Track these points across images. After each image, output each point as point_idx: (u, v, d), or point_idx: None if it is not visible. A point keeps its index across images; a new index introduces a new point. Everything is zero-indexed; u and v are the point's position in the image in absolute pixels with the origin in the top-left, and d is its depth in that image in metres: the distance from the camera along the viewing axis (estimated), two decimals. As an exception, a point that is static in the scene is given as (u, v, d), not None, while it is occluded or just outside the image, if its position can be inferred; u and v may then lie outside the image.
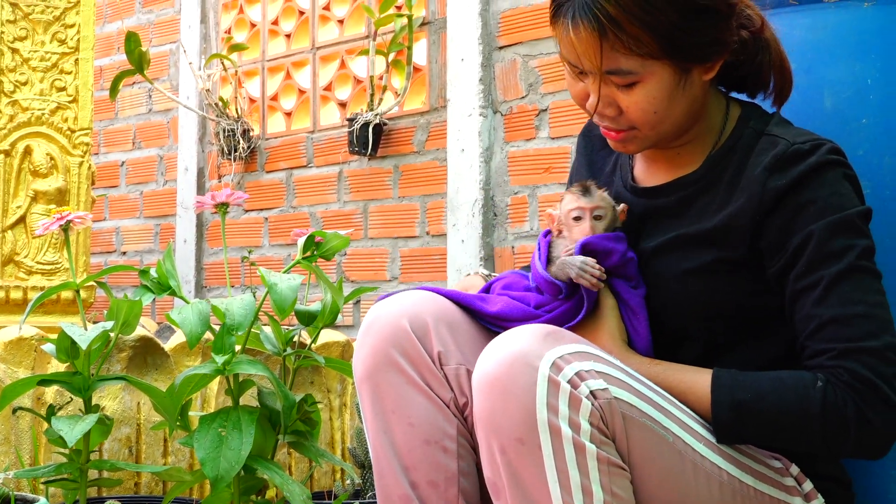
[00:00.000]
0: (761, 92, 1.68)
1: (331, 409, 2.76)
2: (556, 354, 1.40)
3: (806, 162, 1.50)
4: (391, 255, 3.72)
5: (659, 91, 1.53)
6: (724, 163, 1.60)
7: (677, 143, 1.65)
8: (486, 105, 3.43)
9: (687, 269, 1.57)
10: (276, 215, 4.16)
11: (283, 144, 4.15)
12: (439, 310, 1.66)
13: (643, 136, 1.59)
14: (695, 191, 1.61)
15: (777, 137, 1.55)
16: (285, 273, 1.79)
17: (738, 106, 1.66)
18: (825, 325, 1.46)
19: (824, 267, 1.47)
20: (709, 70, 1.57)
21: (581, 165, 1.84)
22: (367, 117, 3.70)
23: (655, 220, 1.65)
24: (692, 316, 1.57)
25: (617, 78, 1.53)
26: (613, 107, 1.57)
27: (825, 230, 1.47)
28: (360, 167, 3.86)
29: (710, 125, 1.64)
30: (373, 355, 1.63)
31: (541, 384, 1.38)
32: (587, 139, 1.86)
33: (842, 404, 1.42)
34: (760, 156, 1.54)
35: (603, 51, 1.50)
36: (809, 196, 1.49)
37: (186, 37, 4.47)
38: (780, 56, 1.65)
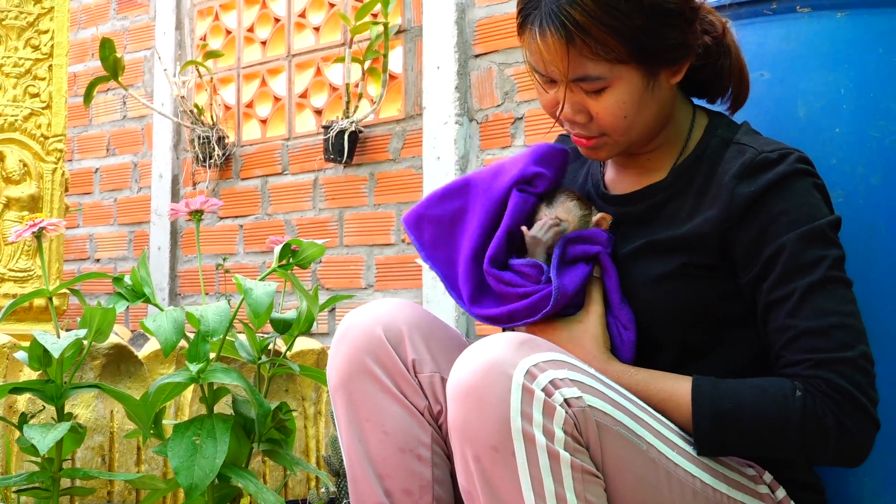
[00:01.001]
0: (720, 97, 1.69)
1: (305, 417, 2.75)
2: (531, 362, 1.40)
3: (774, 170, 1.51)
4: (366, 263, 3.72)
5: (628, 95, 1.54)
6: (693, 171, 1.61)
7: (646, 150, 1.66)
8: (462, 113, 3.43)
9: (658, 275, 1.58)
10: (252, 223, 4.15)
11: (259, 152, 4.14)
12: (413, 318, 1.66)
13: (614, 142, 1.60)
14: (663, 198, 1.62)
15: (745, 146, 1.56)
16: (261, 280, 1.79)
17: (704, 114, 1.68)
18: (800, 336, 1.47)
19: (797, 278, 1.48)
20: (676, 73, 1.58)
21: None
22: (342, 125, 3.70)
23: (626, 227, 1.65)
24: (665, 321, 1.58)
25: (586, 84, 1.54)
26: (584, 113, 1.57)
27: (797, 241, 1.48)
28: (335, 175, 3.86)
29: (678, 131, 1.65)
30: (347, 363, 1.63)
31: (515, 392, 1.38)
32: None
33: (821, 414, 1.43)
34: (729, 164, 1.55)
35: (570, 57, 1.51)
36: (780, 207, 1.50)
37: (161, 43, 4.45)
38: (740, 62, 1.67)
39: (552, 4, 1.50)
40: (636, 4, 1.49)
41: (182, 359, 2.50)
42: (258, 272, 4.09)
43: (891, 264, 1.67)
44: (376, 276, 3.68)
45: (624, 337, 1.58)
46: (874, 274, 1.67)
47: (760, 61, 1.75)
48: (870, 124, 1.69)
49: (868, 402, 1.44)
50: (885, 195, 1.68)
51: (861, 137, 1.69)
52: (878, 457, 1.61)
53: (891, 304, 1.67)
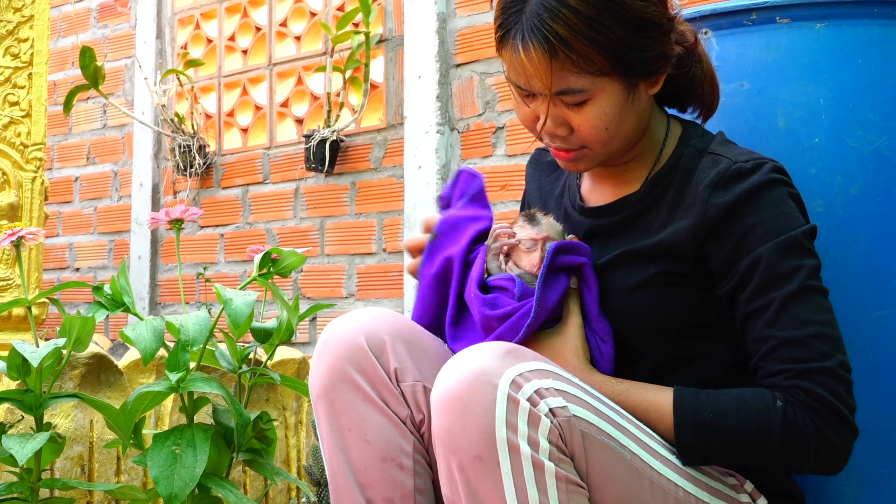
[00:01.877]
0: (691, 106, 1.70)
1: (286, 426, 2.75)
2: (516, 372, 1.40)
3: (749, 180, 1.52)
4: (348, 272, 3.72)
5: (610, 107, 1.54)
6: (667, 181, 1.62)
7: (623, 160, 1.66)
8: (444, 122, 3.44)
9: (633, 284, 1.58)
10: (232, 231, 4.14)
11: (240, 160, 4.14)
12: (396, 327, 1.66)
13: (594, 154, 1.60)
14: (638, 209, 1.63)
15: (720, 156, 1.57)
16: (241, 290, 1.79)
17: (678, 124, 1.68)
18: (779, 346, 1.47)
19: (775, 289, 1.48)
20: (654, 84, 1.59)
21: (531, 193, 1.85)
22: (323, 134, 3.70)
23: (601, 239, 1.66)
24: (643, 330, 1.58)
25: (568, 97, 1.54)
26: (565, 126, 1.58)
27: (774, 252, 1.49)
28: (316, 184, 3.85)
29: (653, 142, 1.66)
30: (329, 372, 1.63)
31: (500, 402, 1.38)
32: (535, 166, 1.87)
33: (801, 423, 1.44)
34: (703, 174, 1.56)
35: (553, 71, 1.51)
36: (755, 217, 1.50)
37: (142, 52, 4.44)
38: (710, 71, 1.68)
39: (534, 19, 1.50)
40: (618, 17, 1.50)
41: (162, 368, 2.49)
42: (239, 281, 4.08)
43: (870, 273, 1.68)
44: (357, 286, 3.68)
45: (603, 350, 1.59)
46: (854, 283, 1.67)
47: (740, 72, 1.76)
48: (849, 134, 1.70)
49: (847, 410, 1.45)
50: (863, 205, 1.69)
51: (840, 147, 1.70)
52: (857, 464, 1.62)
53: (870, 313, 1.67)
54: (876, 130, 1.70)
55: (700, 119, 1.71)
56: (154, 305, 4.37)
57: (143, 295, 4.35)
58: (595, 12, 1.49)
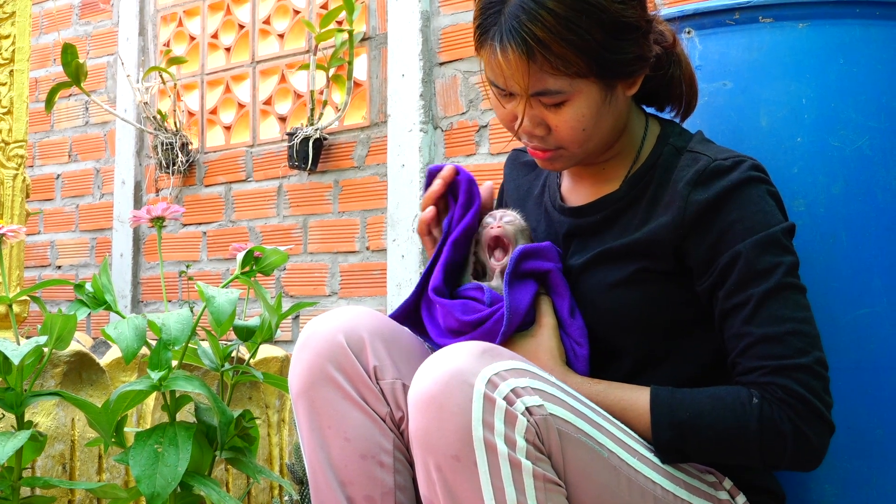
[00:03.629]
0: (669, 105, 1.71)
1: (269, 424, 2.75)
2: (492, 371, 1.41)
3: (728, 178, 1.53)
4: (331, 270, 3.72)
5: (587, 109, 1.55)
6: (646, 180, 1.63)
7: (602, 159, 1.68)
8: (427, 121, 3.44)
9: (613, 282, 1.59)
10: (215, 230, 4.13)
11: (222, 158, 4.13)
12: (375, 325, 1.66)
13: (571, 154, 1.61)
14: (618, 209, 1.64)
15: (699, 154, 1.58)
16: (224, 288, 1.79)
17: (657, 123, 1.69)
18: (756, 343, 1.48)
19: (753, 285, 1.49)
20: (632, 85, 1.60)
21: (509, 193, 1.86)
22: (307, 132, 3.70)
23: (581, 238, 1.67)
24: (621, 330, 1.59)
25: (546, 98, 1.55)
26: (542, 126, 1.59)
27: (752, 249, 1.50)
28: (299, 182, 3.85)
29: (632, 141, 1.67)
30: (308, 370, 1.63)
31: (476, 401, 1.38)
32: (513, 166, 1.88)
33: (778, 420, 1.45)
34: (683, 171, 1.57)
35: (531, 72, 1.52)
36: (734, 214, 1.52)
37: (124, 49, 4.43)
38: (689, 71, 1.69)
39: (512, 20, 1.51)
40: (595, 20, 1.51)
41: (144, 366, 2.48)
42: (221, 279, 4.08)
43: (851, 273, 1.69)
44: (340, 284, 3.68)
45: (578, 352, 1.59)
46: (835, 283, 1.68)
47: (723, 71, 1.77)
48: (831, 134, 1.71)
49: (823, 406, 1.46)
50: (845, 204, 1.70)
51: (822, 147, 1.71)
52: (839, 463, 1.63)
53: (851, 312, 1.68)
54: (858, 130, 1.71)
55: (678, 118, 1.72)
56: (136, 303, 4.36)
57: (125, 293, 4.34)
58: (573, 14, 1.49)
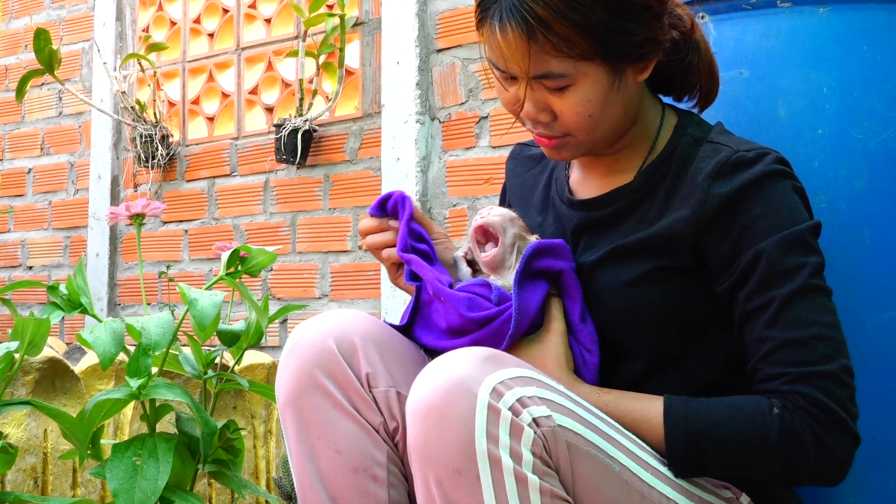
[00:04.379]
0: (687, 94, 1.71)
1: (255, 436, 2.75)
2: (497, 379, 1.40)
3: (751, 170, 1.53)
4: (321, 271, 3.72)
5: (593, 94, 1.55)
6: (662, 171, 1.63)
7: (613, 150, 1.67)
8: (424, 111, 3.44)
9: (626, 281, 1.59)
10: (197, 227, 4.13)
11: (205, 151, 4.13)
12: (367, 330, 1.66)
13: (578, 142, 1.61)
14: (632, 201, 1.64)
15: (720, 145, 1.58)
16: (207, 289, 1.79)
17: (674, 113, 1.69)
18: (778, 348, 1.48)
19: (776, 287, 1.49)
20: (642, 70, 1.60)
21: (512, 189, 1.86)
22: (295, 123, 3.70)
23: (592, 233, 1.67)
24: (635, 330, 1.59)
25: (548, 81, 1.55)
26: (547, 112, 1.58)
27: (776, 248, 1.50)
28: (287, 176, 3.85)
29: (646, 130, 1.67)
30: (297, 378, 1.63)
31: (480, 412, 1.38)
32: (517, 161, 1.88)
33: (800, 430, 1.44)
34: (702, 163, 1.57)
35: (532, 53, 1.52)
36: (758, 210, 1.52)
37: (101, 35, 4.43)
38: (709, 58, 1.69)
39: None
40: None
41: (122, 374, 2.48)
42: (204, 281, 4.08)
43: (876, 273, 1.69)
44: (331, 286, 3.68)
45: (587, 360, 1.59)
46: (858, 283, 1.68)
47: (739, 59, 1.77)
48: (854, 125, 1.71)
49: (848, 416, 1.45)
50: (869, 200, 1.70)
51: (845, 139, 1.71)
52: (862, 475, 1.63)
53: (875, 315, 1.68)
54: (882, 121, 1.71)
55: (696, 109, 1.72)
56: (113, 306, 4.36)
57: (102, 295, 4.34)
58: None
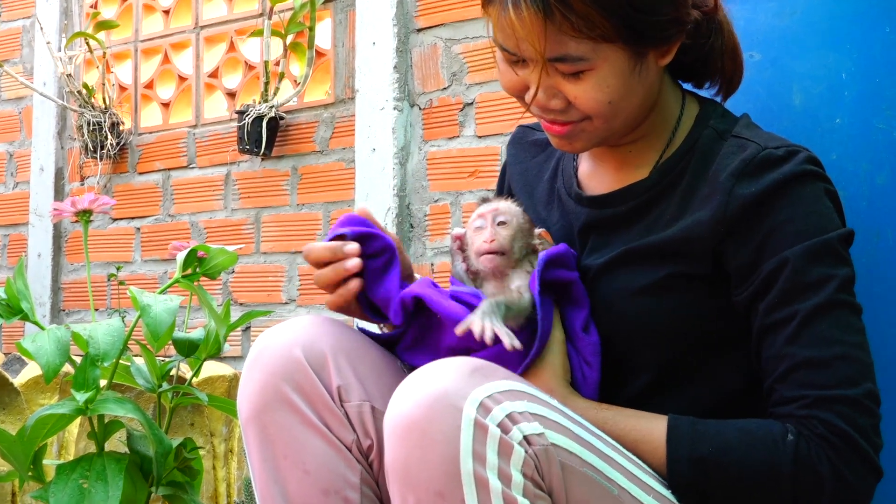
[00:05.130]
0: (709, 81, 1.71)
1: (214, 456, 2.75)
2: (484, 393, 1.40)
3: (779, 170, 1.53)
4: (288, 274, 3.72)
5: (613, 78, 1.55)
6: (681, 166, 1.62)
7: (628, 140, 1.67)
8: (402, 97, 3.45)
9: (637, 288, 1.59)
10: (151, 225, 4.13)
11: (160, 141, 4.13)
12: (339, 338, 1.66)
13: (593, 130, 1.60)
14: (647, 200, 1.64)
15: (745, 140, 1.58)
16: (161, 294, 1.79)
17: (695, 102, 1.69)
18: (798, 367, 1.48)
19: (799, 300, 1.49)
20: (665, 54, 1.60)
21: (514, 178, 1.85)
22: (260, 110, 3.70)
23: (602, 233, 1.66)
24: (643, 342, 1.59)
25: (564, 65, 1.54)
26: (559, 99, 1.58)
27: (802, 257, 1.50)
28: (251, 168, 3.85)
29: (664, 120, 1.67)
30: (261, 391, 1.63)
31: (465, 429, 1.38)
32: (519, 147, 1.87)
33: (815, 460, 1.45)
34: (726, 160, 1.57)
35: (548, 34, 1.52)
36: (785, 215, 1.52)
37: (44, 11, 4.42)
38: (733, 41, 1.69)
39: None
40: None
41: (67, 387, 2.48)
42: (158, 284, 4.08)
43: (899, 276, 1.70)
44: (299, 289, 3.68)
45: (587, 375, 1.59)
46: (879, 287, 1.69)
47: (750, 40, 1.78)
48: (875, 114, 1.72)
49: (870, 447, 1.46)
50: (892, 196, 1.71)
51: (865, 129, 1.72)
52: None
53: (899, 323, 1.69)
54: (907, 110, 1.72)
55: (719, 97, 1.72)
56: (57, 312, 4.35)
57: (44, 300, 4.33)
58: None
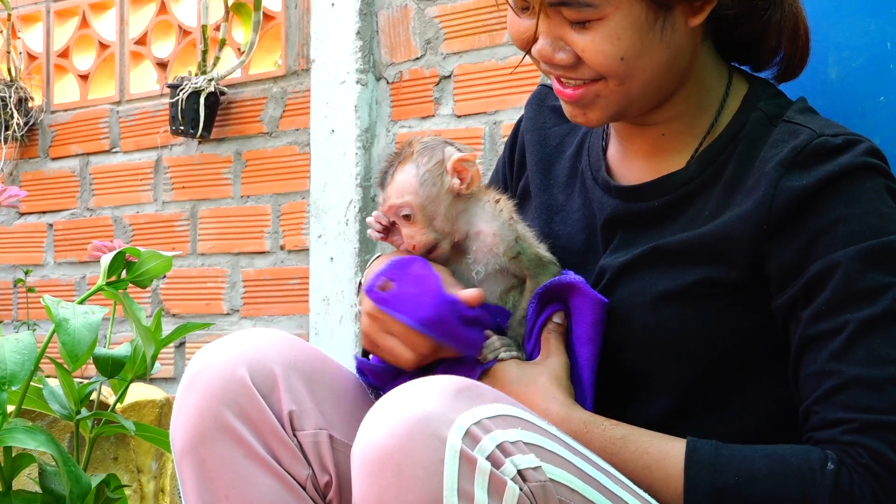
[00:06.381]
0: (766, 63, 1.70)
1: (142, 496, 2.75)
2: (472, 419, 1.40)
3: (836, 161, 1.53)
4: (230, 279, 3.72)
5: (626, 32, 1.55)
6: (725, 156, 1.62)
7: (659, 119, 1.66)
8: (366, 69, 3.45)
9: (662, 293, 1.59)
10: (66, 221, 4.13)
11: (77, 120, 4.13)
12: (291, 355, 1.66)
13: (608, 96, 1.59)
14: (685, 193, 1.63)
15: (799, 126, 1.58)
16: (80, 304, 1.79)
17: (744, 80, 1.68)
18: (844, 386, 1.49)
19: (850, 309, 1.49)
20: (697, 12, 1.59)
21: (531, 146, 1.84)
22: (197, 83, 3.70)
23: (632, 229, 1.66)
24: (664, 358, 1.59)
25: (569, 11, 1.55)
26: (567, 52, 1.58)
27: (856, 261, 1.50)
28: (186, 153, 3.85)
29: (705, 99, 1.66)
30: (198, 418, 1.63)
31: (450, 462, 1.38)
32: (538, 108, 1.87)
33: (858, 495, 1.45)
34: (775, 147, 1.57)
35: None
36: (838, 212, 1.52)
37: (-63, -35, 4.43)
38: (796, 15, 1.67)
39: None
40: None
41: (-34, 414, 2.48)
42: (75, 291, 4.07)
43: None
44: (244, 298, 3.69)
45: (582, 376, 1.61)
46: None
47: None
48: (925, 90, 1.73)
49: None
50: (945, 185, 1.72)
51: (915, 108, 1.73)
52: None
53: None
54: (964, 86, 1.73)
55: (774, 81, 1.71)
56: (-46, 325, 4.35)
57: (-61, 310, 4.33)
58: None
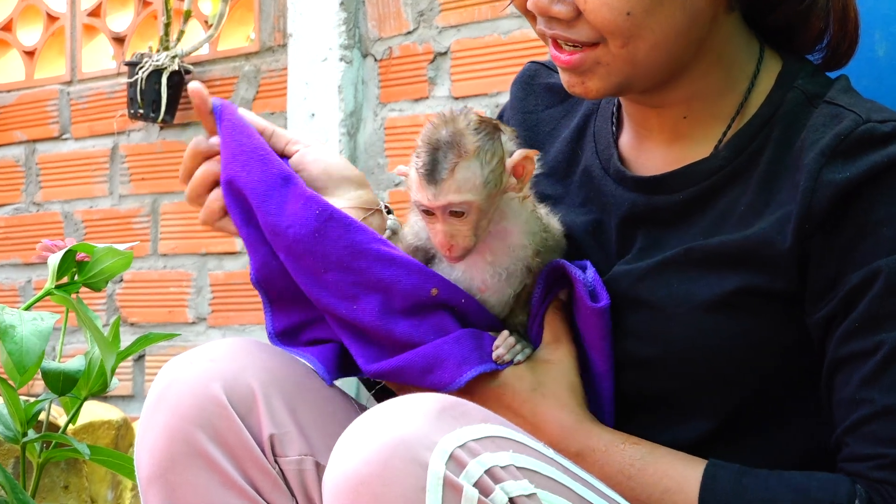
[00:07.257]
0: (811, 47, 1.69)
1: (97, 529, 2.76)
2: (456, 442, 1.41)
3: (883, 151, 1.52)
4: (196, 283, 3.73)
5: None
6: (759, 141, 1.62)
7: (676, 98, 1.64)
8: (351, 44, 3.46)
9: (702, 302, 1.59)
10: (9, 217, 4.14)
11: (22, 102, 4.13)
12: (272, 369, 1.67)
13: (611, 62, 1.58)
14: (713, 185, 1.63)
15: (843, 109, 1.57)
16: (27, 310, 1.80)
17: (776, 57, 1.68)
18: (875, 417, 1.50)
19: (887, 327, 1.50)
20: None
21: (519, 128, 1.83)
22: (158, 61, 3.71)
23: (653, 226, 1.66)
24: (702, 376, 1.60)
25: None
26: (566, 4, 1.58)
27: None
28: (146, 140, 3.86)
29: (732, 76, 1.65)
30: (167, 441, 1.64)
31: (432, 490, 1.39)
32: (527, 90, 1.86)
33: (886, 538, 1.47)
34: (816, 133, 1.56)
35: None
36: (883, 212, 1.51)
37: None
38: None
39: None
40: None
41: None
42: (20, 297, 4.08)
43: None
44: (211, 304, 3.69)
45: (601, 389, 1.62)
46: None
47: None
48: None
49: None
50: None
51: (973, 88, 1.74)
52: None
53: None
54: None
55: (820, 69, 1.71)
56: None
57: None
58: None
